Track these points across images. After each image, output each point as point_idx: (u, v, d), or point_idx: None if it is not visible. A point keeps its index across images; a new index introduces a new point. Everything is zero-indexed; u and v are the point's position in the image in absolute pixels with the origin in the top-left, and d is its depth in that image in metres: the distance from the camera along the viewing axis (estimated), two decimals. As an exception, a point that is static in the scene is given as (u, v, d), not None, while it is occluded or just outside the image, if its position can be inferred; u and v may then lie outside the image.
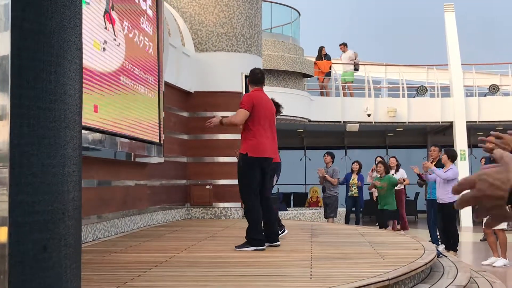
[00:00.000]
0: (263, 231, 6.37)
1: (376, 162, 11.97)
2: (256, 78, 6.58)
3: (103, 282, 4.30)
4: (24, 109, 2.08)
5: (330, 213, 12.70)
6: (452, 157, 10.14)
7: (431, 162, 10.97)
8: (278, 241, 6.52)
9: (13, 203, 2.04)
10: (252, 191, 6.29)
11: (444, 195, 9.94)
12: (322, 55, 18.62)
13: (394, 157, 13.59)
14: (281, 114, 7.40)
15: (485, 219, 1.26)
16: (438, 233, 10.97)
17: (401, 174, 13.07)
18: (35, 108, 2.10)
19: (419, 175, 11.21)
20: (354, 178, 13.64)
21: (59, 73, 2.20)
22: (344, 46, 18.95)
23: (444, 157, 10.06)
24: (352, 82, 18.93)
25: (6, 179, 2.02)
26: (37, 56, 2.13)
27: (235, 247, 6.25)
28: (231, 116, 6.46)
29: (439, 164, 10.70)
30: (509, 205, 1.13)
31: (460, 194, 1.22)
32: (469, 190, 1.19)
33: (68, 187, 2.23)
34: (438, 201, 10.14)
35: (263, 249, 6.19)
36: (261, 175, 6.40)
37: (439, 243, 10.35)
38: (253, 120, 6.33)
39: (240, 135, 6.60)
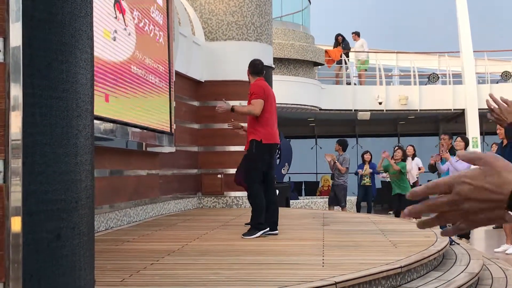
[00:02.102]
0: (277, 218, 6.47)
1: (395, 148, 11.94)
2: (258, 68, 6.74)
3: (117, 271, 4.32)
4: (36, 99, 2.08)
5: (340, 202, 12.69)
6: (466, 144, 10.17)
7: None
8: (277, 230, 6.55)
9: (27, 192, 2.05)
10: (258, 177, 6.45)
11: None
12: (339, 43, 18.55)
13: (412, 145, 13.56)
14: None
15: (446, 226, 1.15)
16: None
17: (417, 162, 13.04)
18: (47, 97, 2.11)
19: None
20: (367, 169, 13.62)
21: (70, 62, 2.20)
22: (356, 35, 18.87)
23: (462, 144, 10.05)
24: (366, 70, 18.84)
25: (19, 169, 2.03)
26: (48, 46, 2.14)
27: (243, 235, 6.31)
28: (249, 106, 6.48)
29: (451, 152, 10.68)
30: (508, 210, 1.06)
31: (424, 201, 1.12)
32: (433, 196, 1.11)
33: (80, 176, 2.24)
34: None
35: (267, 230, 6.31)
36: (269, 159, 6.58)
37: None
38: (264, 109, 6.48)
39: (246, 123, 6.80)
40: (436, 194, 1.09)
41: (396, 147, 11.82)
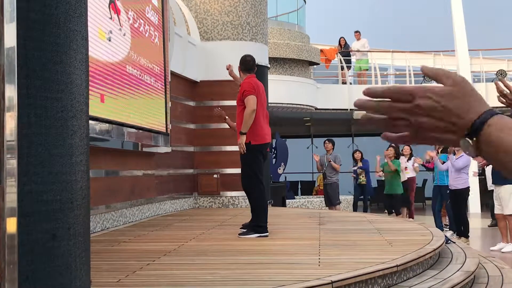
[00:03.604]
0: (266, 218, 6.44)
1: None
2: (249, 65, 6.65)
3: (113, 271, 4.32)
4: (31, 99, 2.08)
5: (335, 200, 12.69)
6: None
7: (438, 148, 10.99)
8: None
9: (22, 193, 2.05)
10: (258, 179, 6.37)
11: (456, 182, 10.01)
12: (341, 45, 18.62)
13: (409, 145, 13.59)
14: None
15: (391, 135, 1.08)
16: (442, 220, 11.02)
17: (413, 162, 13.08)
18: (42, 98, 2.11)
19: (423, 165, 11.34)
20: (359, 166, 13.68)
21: (65, 63, 2.20)
22: (358, 34, 18.96)
23: None
24: (367, 70, 18.89)
25: (14, 170, 2.03)
26: (43, 46, 2.13)
27: (239, 234, 6.31)
28: (246, 112, 6.30)
29: (445, 151, 10.73)
30: (467, 137, 1.00)
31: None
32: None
33: (76, 177, 2.24)
34: (450, 187, 10.21)
35: (266, 236, 6.26)
36: (262, 160, 6.52)
37: (443, 229, 10.38)
38: None
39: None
40: (394, 98, 1.04)
41: (390, 146, 11.86)
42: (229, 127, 7.60)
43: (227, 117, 7.37)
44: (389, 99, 1.05)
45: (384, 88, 1.04)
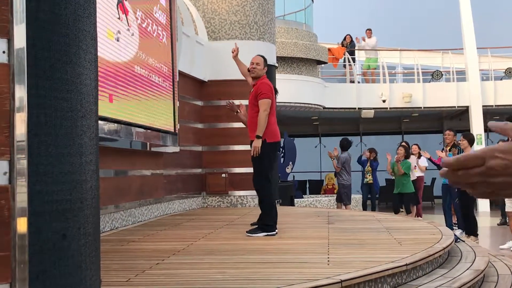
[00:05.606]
0: (276, 217, 6.44)
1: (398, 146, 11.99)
2: (267, 64, 6.78)
3: (122, 271, 4.33)
4: (41, 99, 2.09)
5: (342, 199, 12.79)
6: (471, 141, 10.09)
7: (446, 146, 10.94)
8: (276, 229, 6.52)
9: (32, 192, 2.06)
10: (268, 178, 6.42)
11: None
12: (347, 43, 18.61)
13: (417, 144, 13.54)
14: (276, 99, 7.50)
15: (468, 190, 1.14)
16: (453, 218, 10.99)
17: (423, 161, 13.04)
18: (52, 98, 2.12)
19: (430, 159, 11.33)
20: (368, 165, 13.67)
21: (74, 63, 2.21)
22: (370, 31, 18.96)
23: (465, 143, 10.01)
24: (375, 68, 18.86)
25: (24, 169, 2.04)
26: (52, 47, 2.14)
27: (246, 231, 6.33)
28: (261, 115, 6.36)
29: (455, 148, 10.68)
30: None
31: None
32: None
33: (86, 176, 2.25)
34: (457, 186, 10.15)
35: (274, 235, 6.27)
36: (274, 158, 6.61)
37: (453, 228, 10.34)
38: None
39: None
40: (466, 166, 1.09)
41: (400, 146, 11.84)
42: (241, 122, 7.42)
43: (239, 110, 7.05)
44: (463, 168, 1.09)
45: (454, 159, 1.10)
